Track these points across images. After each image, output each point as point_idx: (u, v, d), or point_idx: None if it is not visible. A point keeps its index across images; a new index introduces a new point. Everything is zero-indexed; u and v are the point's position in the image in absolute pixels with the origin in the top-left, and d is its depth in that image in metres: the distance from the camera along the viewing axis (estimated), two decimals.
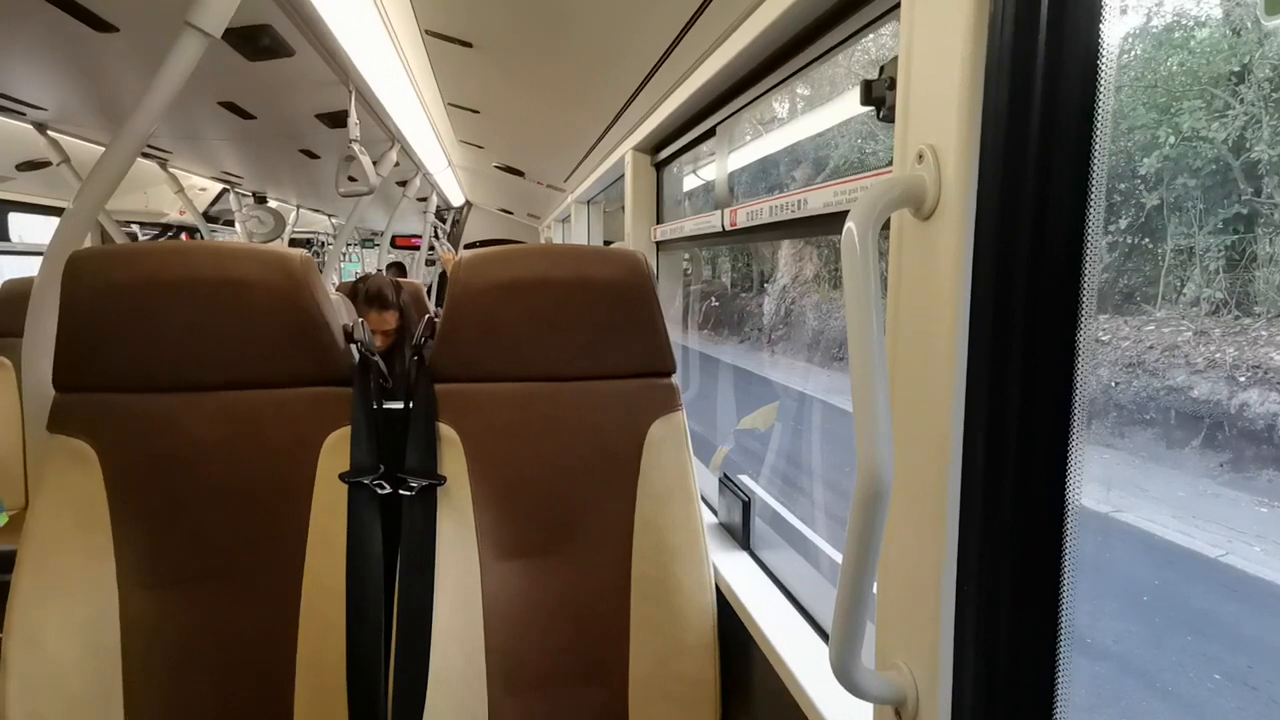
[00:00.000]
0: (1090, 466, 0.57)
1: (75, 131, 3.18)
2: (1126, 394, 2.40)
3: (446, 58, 2.21)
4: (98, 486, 1.13)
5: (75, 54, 2.03)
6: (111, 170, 1.28)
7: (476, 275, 1.24)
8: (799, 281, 5.40)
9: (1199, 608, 2.36)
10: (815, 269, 5.22)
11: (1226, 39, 1.64)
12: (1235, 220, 1.91)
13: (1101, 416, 2.41)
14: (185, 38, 1.25)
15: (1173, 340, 2.29)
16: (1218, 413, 2.27)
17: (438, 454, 1.23)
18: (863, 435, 0.57)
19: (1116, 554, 2.49)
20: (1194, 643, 2.27)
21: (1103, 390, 2.44)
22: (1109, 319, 2.49)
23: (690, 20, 1.30)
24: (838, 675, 0.63)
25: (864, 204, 0.60)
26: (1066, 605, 0.60)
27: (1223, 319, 2.16)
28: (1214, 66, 1.57)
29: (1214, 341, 2.21)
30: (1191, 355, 2.25)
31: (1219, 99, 1.61)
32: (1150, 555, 2.42)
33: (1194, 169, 1.79)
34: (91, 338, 1.14)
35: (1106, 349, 2.48)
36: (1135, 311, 2.38)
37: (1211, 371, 2.24)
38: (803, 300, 5.79)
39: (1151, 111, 1.68)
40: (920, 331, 0.64)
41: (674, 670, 1.24)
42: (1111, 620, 2.39)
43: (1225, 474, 2.30)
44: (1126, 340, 2.41)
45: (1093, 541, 2.37)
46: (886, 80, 0.75)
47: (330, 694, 1.14)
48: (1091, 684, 2.23)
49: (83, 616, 1.10)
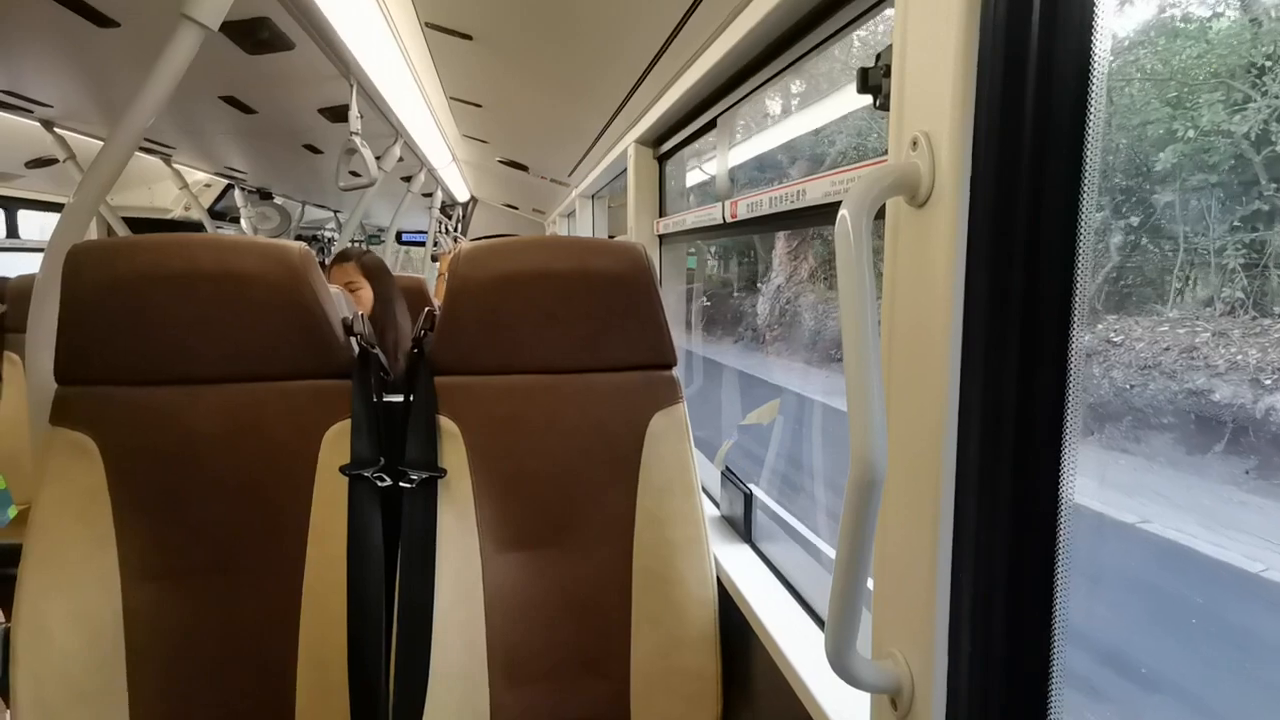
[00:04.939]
0: (1105, 470, 0.56)
1: (81, 128, 3.19)
2: (1143, 397, 2.28)
3: (447, 50, 2.20)
4: (99, 479, 1.14)
5: (78, 50, 2.04)
6: (111, 164, 1.28)
7: (476, 267, 1.24)
8: (794, 281, 5.34)
9: (1256, 631, 2.06)
10: (810, 268, 5.15)
11: (1247, 29, 1.60)
12: (1255, 218, 1.86)
13: (1116, 420, 2.29)
14: (182, 30, 1.25)
15: (1190, 342, 2.21)
16: (1242, 417, 2.14)
17: (438, 447, 1.23)
18: (856, 424, 0.56)
19: (1149, 569, 2.30)
20: (1268, 670, 1.95)
21: (1116, 393, 2.33)
22: (1118, 319, 2.39)
23: (689, 10, 1.30)
24: (833, 664, 0.63)
25: (858, 192, 0.60)
26: (1061, 593, 0.60)
27: (1239, 319, 2.09)
28: (1234, 57, 1.54)
29: (1234, 343, 2.14)
30: (1211, 357, 2.16)
31: (1238, 91, 1.58)
32: (1186, 571, 2.20)
33: (1211, 164, 1.73)
34: (92, 331, 1.14)
35: (1120, 350, 2.37)
36: (1149, 312, 2.30)
37: (1234, 374, 2.15)
38: (798, 300, 5.70)
39: (1166, 105, 1.63)
40: (915, 320, 0.64)
41: (675, 663, 1.24)
42: (1158, 641, 2.18)
43: (1252, 480, 2.14)
44: (1141, 341, 2.32)
45: (1123, 555, 2.26)
46: (882, 68, 0.75)
47: (331, 686, 1.14)
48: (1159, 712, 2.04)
49: (86, 608, 1.11)
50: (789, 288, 5.39)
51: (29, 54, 2.13)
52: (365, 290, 2.04)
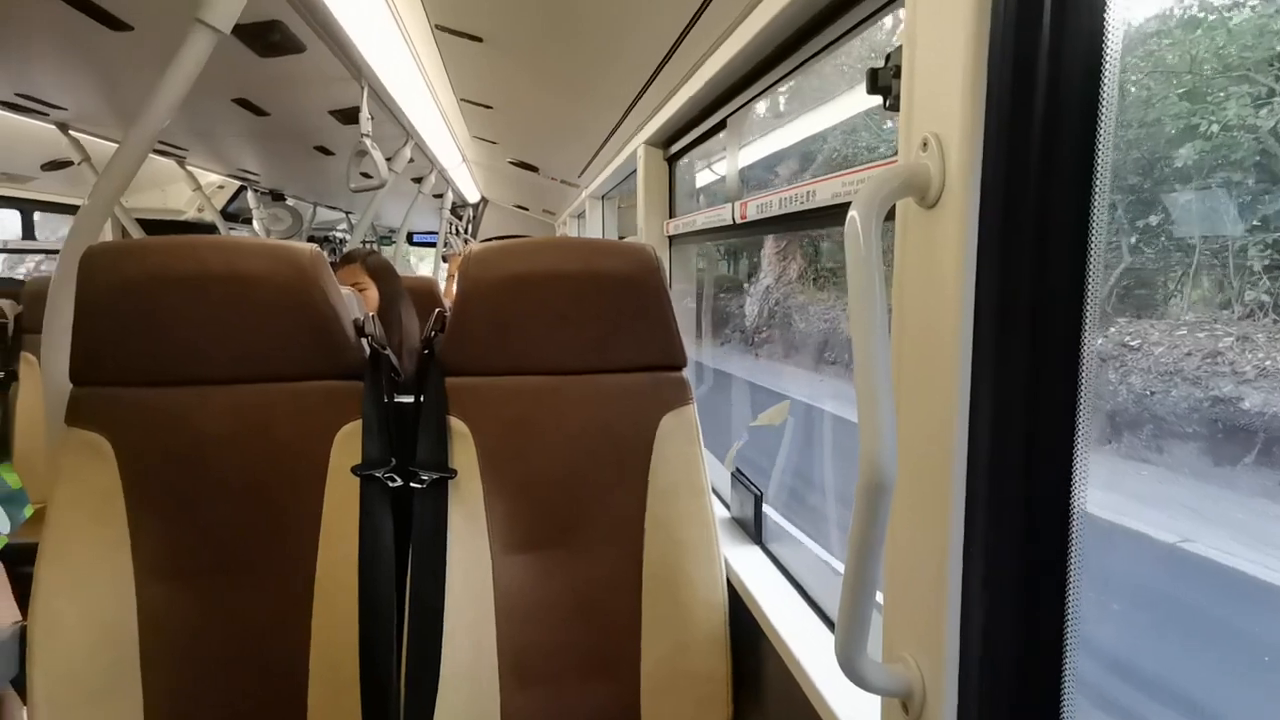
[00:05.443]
0: (1127, 481, 0.55)
1: (95, 130, 3.23)
2: (1164, 405, 2.16)
3: (457, 53, 2.21)
4: (114, 479, 1.15)
5: (92, 53, 2.06)
6: (125, 166, 1.29)
7: (486, 269, 1.24)
8: (783, 281, 5.25)
9: None
10: (800, 268, 5.06)
11: (1272, 19, 1.55)
12: (1278, 217, 1.79)
13: (1134, 428, 2.15)
14: (195, 34, 1.26)
15: (1213, 347, 2.10)
16: (1274, 426, 1.99)
17: (448, 447, 1.23)
18: (866, 427, 0.56)
19: (1206, 597, 2.02)
20: None
21: (1135, 400, 2.20)
22: (1129, 321, 2.30)
23: (699, 11, 1.29)
24: (843, 667, 0.63)
25: (867, 193, 0.60)
26: (1073, 597, 0.60)
27: (1259, 322, 2.00)
28: (1259, 49, 1.49)
29: (1260, 348, 2.06)
30: (1238, 363, 2.04)
31: (1262, 84, 1.53)
32: (1243, 599, 1.90)
33: (1234, 161, 1.66)
34: (105, 332, 1.15)
35: (1137, 355, 2.26)
36: (1166, 315, 2.21)
37: (1264, 381, 2.03)
38: (787, 302, 5.58)
39: (1185, 99, 1.58)
40: (924, 322, 0.64)
41: (685, 665, 1.24)
42: (1245, 689, 1.70)
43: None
44: (1160, 346, 2.21)
45: (1174, 581, 2.03)
46: (892, 69, 0.74)
47: (343, 685, 1.15)
48: None
49: (101, 607, 1.12)
50: (778, 288, 5.31)
51: (44, 58, 2.15)
52: (371, 291, 2.05)
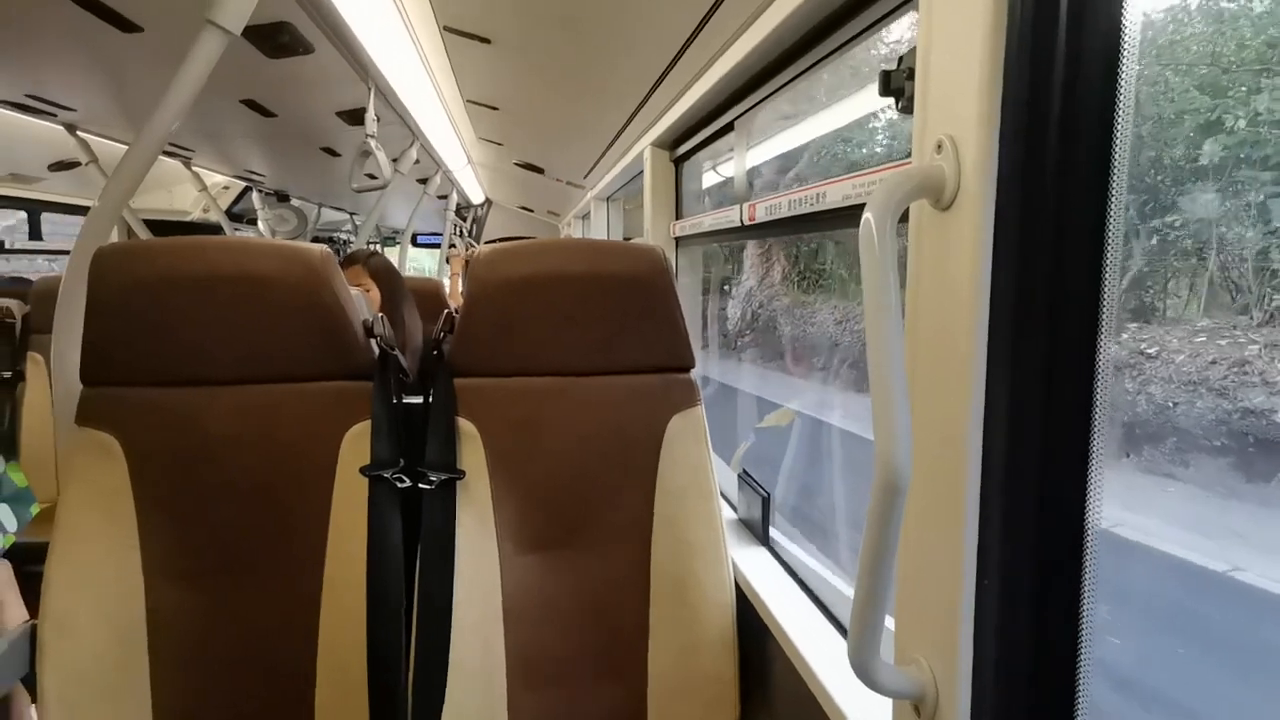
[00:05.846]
0: (1156, 499, 0.53)
1: (103, 131, 3.23)
2: (1189, 416, 2.01)
3: (465, 54, 2.21)
4: (123, 479, 1.15)
5: (102, 54, 2.06)
6: (135, 168, 1.30)
7: (494, 270, 1.25)
8: (766, 284, 5.18)
9: None
10: (784, 269, 4.98)
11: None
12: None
13: (1157, 441, 2.02)
14: (206, 35, 1.26)
15: (1239, 355, 1.95)
16: None
17: (457, 448, 1.23)
18: (881, 429, 0.56)
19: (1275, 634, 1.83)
20: None
21: (1156, 411, 2.07)
22: (1140, 327, 2.20)
23: (708, 13, 1.29)
24: (855, 670, 0.63)
25: (881, 195, 0.60)
26: (1087, 601, 0.59)
27: (1277, 327, 1.92)
28: None
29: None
30: (1268, 372, 1.90)
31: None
32: None
33: (1259, 159, 1.59)
34: (116, 332, 1.15)
35: (1155, 363, 2.11)
36: (1186, 322, 2.13)
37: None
38: (771, 304, 5.44)
39: (1205, 93, 1.54)
40: (940, 324, 0.63)
41: (693, 667, 1.23)
42: None
43: None
44: (1180, 354, 2.07)
45: (1236, 618, 1.85)
46: (905, 71, 0.74)
47: (351, 686, 1.15)
48: None
49: (110, 606, 1.12)
50: (760, 291, 5.24)
51: (54, 59, 2.15)
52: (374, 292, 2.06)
